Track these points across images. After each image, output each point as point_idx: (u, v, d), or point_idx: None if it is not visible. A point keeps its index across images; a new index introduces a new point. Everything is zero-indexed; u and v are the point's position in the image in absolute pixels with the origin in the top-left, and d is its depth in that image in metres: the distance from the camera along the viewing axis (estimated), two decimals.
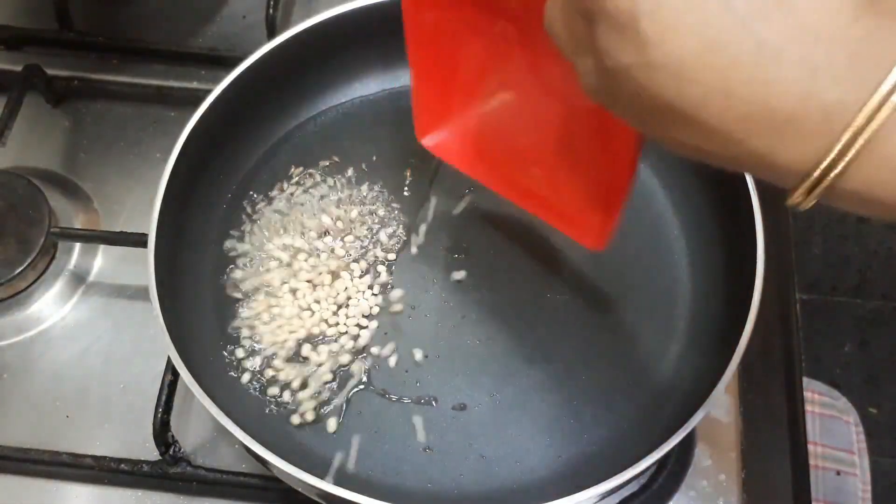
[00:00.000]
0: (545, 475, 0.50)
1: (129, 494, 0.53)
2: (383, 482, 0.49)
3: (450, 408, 0.52)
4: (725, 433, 0.55)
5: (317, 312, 0.54)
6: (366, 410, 0.52)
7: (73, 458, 0.53)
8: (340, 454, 0.50)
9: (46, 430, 0.55)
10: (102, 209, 0.62)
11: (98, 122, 0.66)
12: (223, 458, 0.54)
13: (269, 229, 0.57)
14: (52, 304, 0.59)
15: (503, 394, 0.52)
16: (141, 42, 0.68)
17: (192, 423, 0.55)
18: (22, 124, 0.63)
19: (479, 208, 0.58)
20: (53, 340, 0.58)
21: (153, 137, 0.65)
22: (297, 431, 0.51)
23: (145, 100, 0.66)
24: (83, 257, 0.60)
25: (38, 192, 0.59)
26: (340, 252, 0.56)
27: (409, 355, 0.53)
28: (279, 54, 0.56)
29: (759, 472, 0.54)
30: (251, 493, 0.53)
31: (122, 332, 0.58)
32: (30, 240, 0.58)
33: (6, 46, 0.68)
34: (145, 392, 0.54)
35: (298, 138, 0.61)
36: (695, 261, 0.56)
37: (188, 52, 0.67)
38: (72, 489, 0.54)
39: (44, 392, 0.56)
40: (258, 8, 0.67)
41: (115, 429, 0.55)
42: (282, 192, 0.59)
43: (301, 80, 0.59)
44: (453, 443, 0.51)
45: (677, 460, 0.53)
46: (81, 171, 0.64)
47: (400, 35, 0.48)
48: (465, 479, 0.50)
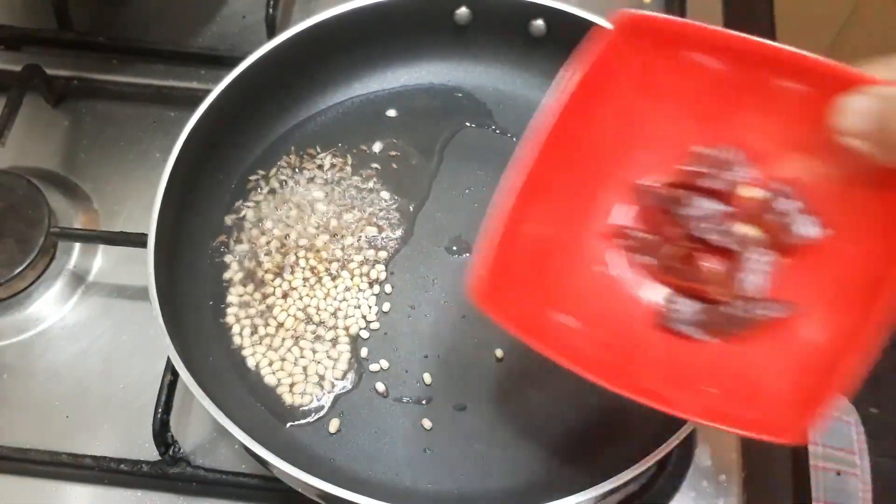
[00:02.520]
0: (545, 475, 0.50)
1: (128, 494, 0.53)
2: (383, 482, 0.49)
3: (450, 408, 0.52)
4: (726, 433, 0.54)
5: (316, 312, 0.54)
6: (366, 410, 0.52)
7: (73, 459, 0.53)
8: (340, 454, 0.50)
9: (46, 430, 0.55)
10: (102, 209, 0.62)
11: (98, 122, 0.66)
12: (223, 458, 0.54)
13: (268, 229, 0.57)
14: (52, 304, 0.59)
15: (503, 393, 0.52)
16: (141, 42, 0.68)
17: (192, 423, 0.55)
18: (21, 124, 0.63)
19: (479, 207, 0.58)
20: (53, 340, 0.58)
21: (153, 137, 0.65)
22: (297, 431, 0.51)
23: (145, 100, 0.66)
24: (83, 257, 0.60)
25: (37, 192, 0.59)
26: (340, 252, 0.56)
27: (409, 355, 0.53)
28: (279, 54, 0.56)
29: (760, 473, 0.54)
30: (251, 493, 0.53)
31: (121, 333, 0.58)
32: (29, 240, 0.57)
33: (6, 46, 0.68)
34: (145, 392, 0.54)
35: (298, 138, 0.61)
36: None
37: (188, 52, 0.67)
38: (71, 489, 0.54)
39: (43, 392, 0.56)
40: (258, 8, 0.67)
41: (115, 429, 0.55)
42: (281, 192, 0.58)
43: (301, 79, 0.59)
44: (453, 443, 0.51)
45: (678, 460, 0.53)
46: (81, 171, 0.64)
47: (400, 35, 0.48)
48: (465, 479, 0.50)
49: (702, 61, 0.40)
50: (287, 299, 0.55)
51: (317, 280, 0.55)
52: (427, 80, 0.62)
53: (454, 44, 0.60)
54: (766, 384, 0.38)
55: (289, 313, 0.54)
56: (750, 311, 0.39)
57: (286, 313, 0.54)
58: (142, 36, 0.68)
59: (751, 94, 0.40)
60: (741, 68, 0.39)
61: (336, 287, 0.55)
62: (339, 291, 0.55)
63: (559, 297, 0.41)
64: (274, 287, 0.55)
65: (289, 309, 0.54)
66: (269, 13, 0.65)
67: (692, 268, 0.40)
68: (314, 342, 0.54)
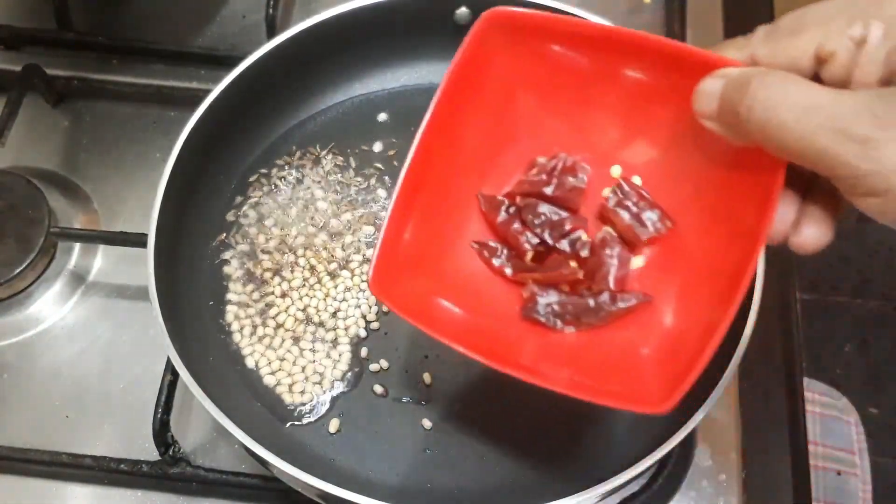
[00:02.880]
0: (545, 475, 0.50)
1: (128, 495, 0.53)
2: (383, 482, 0.49)
3: (450, 408, 0.52)
4: (726, 433, 0.54)
5: (316, 312, 0.54)
6: (366, 411, 0.52)
7: (73, 459, 0.53)
8: (340, 454, 0.50)
9: (46, 430, 0.55)
10: (102, 209, 0.62)
11: (98, 122, 0.66)
12: (223, 458, 0.54)
13: (268, 228, 0.57)
14: (52, 304, 0.59)
15: (503, 393, 0.52)
16: (140, 42, 0.68)
17: (192, 423, 0.55)
18: (21, 124, 0.63)
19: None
20: (53, 340, 0.58)
21: (153, 137, 0.65)
22: (297, 432, 0.51)
23: (145, 100, 0.66)
24: (83, 257, 0.60)
25: (37, 192, 0.59)
26: (340, 251, 0.56)
27: (409, 355, 0.53)
28: (279, 54, 0.56)
29: (760, 473, 0.54)
30: (251, 493, 0.53)
31: (121, 332, 0.58)
32: (29, 240, 0.57)
33: (6, 46, 0.68)
34: (145, 392, 0.54)
35: (298, 137, 0.61)
36: None
37: (188, 52, 0.67)
38: (71, 489, 0.54)
39: (43, 392, 0.56)
40: (258, 7, 0.67)
41: (115, 429, 0.55)
42: (281, 192, 0.58)
43: (301, 79, 0.59)
44: (453, 443, 0.51)
45: (678, 461, 0.53)
46: (81, 171, 0.64)
47: (400, 35, 0.48)
48: (465, 480, 0.50)
49: (569, 54, 0.41)
50: (287, 299, 0.55)
51: (317, 280, 0.55)
52: (427, 80, 0.62)
53: (454, 44, 0.60)
54: (634, 364, 0.41)
55: (288, 313, 0.54)
56: (606, 303, 0.42)
57: (286, 313, 0.54)
58: (142, 36, 0.68)
59: (619, 87, 0.41)
60: (610, 60, 0.40)
61: (336, 287, 0.55)
62: (339, 292, 0.55)
63: (443, 287, 0.43)
64: (274, 286, 0.55)
65: (288, 309, 0.54)
66: (270, 13, 0.65)
67: (548, 267, 0.43)
68: (314, 342, 0.54)
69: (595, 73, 0.41)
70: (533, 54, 0.42)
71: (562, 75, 0.42)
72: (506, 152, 0.45)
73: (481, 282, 0.44)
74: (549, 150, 0.44)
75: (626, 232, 0.43)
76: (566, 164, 0.43)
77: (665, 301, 0.42)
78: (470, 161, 0.44)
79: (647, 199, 0.42)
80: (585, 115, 0.43)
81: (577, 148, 0.44)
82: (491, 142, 0.44)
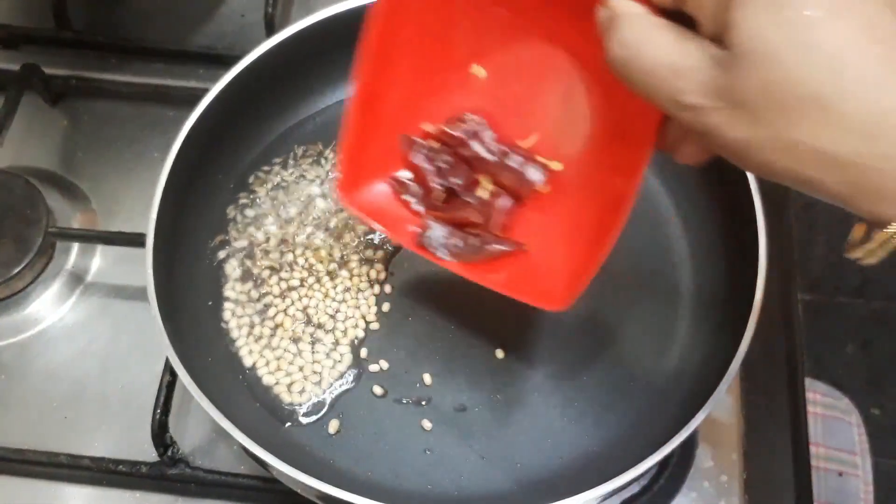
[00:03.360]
0: (545, 476, 0.49)
1: (127, 496, 0.53)
2: (383, 483, 0.49)
3: (450, 408, 0.52)
4: (727, 434, 0.54)
5: (315, 312, 0.54)
6: (365, 411, 0.52)
7: (71, 460, 0.52)
8: (340, 455, 0.50)
9: (44, 430, 0.55)
10: (100, 209, 0.62)
11: (96, 121, 0.66)
12: (222, 459, 0.53)
13: (267, 228, 0.57)
14: (50, 304, 0.59)
15: (503, 394, 0.52)
16: (139, 41, 0.68)
17: (191, 424, 0.55)
18: (20, 124, 0.63)
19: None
20: (51, 341, 0.58)
21: (151, 137, 0.64)
22: (296, 432, 0.51)
23: (143, 99, 0.66)
24: (81, 257, 0.60)
25: (35, 192, 0.59)
26: (339, 251, 0.56)
27: (408, 355, 0.53)
28: (278, 53, 0.55)
29: (761, 474, 0.54)
30: (250, 494, 0.53)
31: (120, 333, 0.58)
32: (27, 240, 0.57)
33: (4, 45, 0.68)
34: (143, 393, 0.54)
35: (297, 136, 0.60)
36: (697, 261, 0.56)
37: (186, 51, 0.67)
38: (69, 490, 0.53)
39: (41, 393, 0.56)
40: (257, 6, 0.67)
41: (113, 430, 0.55)
42: (280, 191, 0.58)
43: (300, 78, 0.59)
44: (453, 443, 0.50)
45: (679, 461, 0.53)
46: (79, 171, 0.64)
47: None
48: (465, 480, 0.49)
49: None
50: (286, 299, 0.54)
51: (315, 280, 0.55)
52: None
53: None
54: (546, 276, 0.48)
55: (287, 314, 0.54)
56: (487, 244, 0.48)
57: (284, 314, 0.54)
58: (140, 35, 0.68)
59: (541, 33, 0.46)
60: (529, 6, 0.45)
61: (335, 287, 0.55)
62: (338, 292, 0.55)
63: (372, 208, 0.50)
64: (272, 286, 0.55)
65: (287, 310, 0.54)
66: (268, 12, 0.65)
67: (453, 208, 0.49)
68: (313, 343, 0.53)
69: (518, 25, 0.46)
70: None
71: (488, 21, 0.46)
72: (443, 81, 0.49)
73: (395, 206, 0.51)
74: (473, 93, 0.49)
75: (515, 182, 0.49)
76: (477, 132, 0.49)
77: (561, 230, 0.48)
78: (410, 88, 0.48)
79: (531, 155, 0.48)
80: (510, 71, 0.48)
81: (496, 98, 0.49)
82: (425, 69, 0.48)
